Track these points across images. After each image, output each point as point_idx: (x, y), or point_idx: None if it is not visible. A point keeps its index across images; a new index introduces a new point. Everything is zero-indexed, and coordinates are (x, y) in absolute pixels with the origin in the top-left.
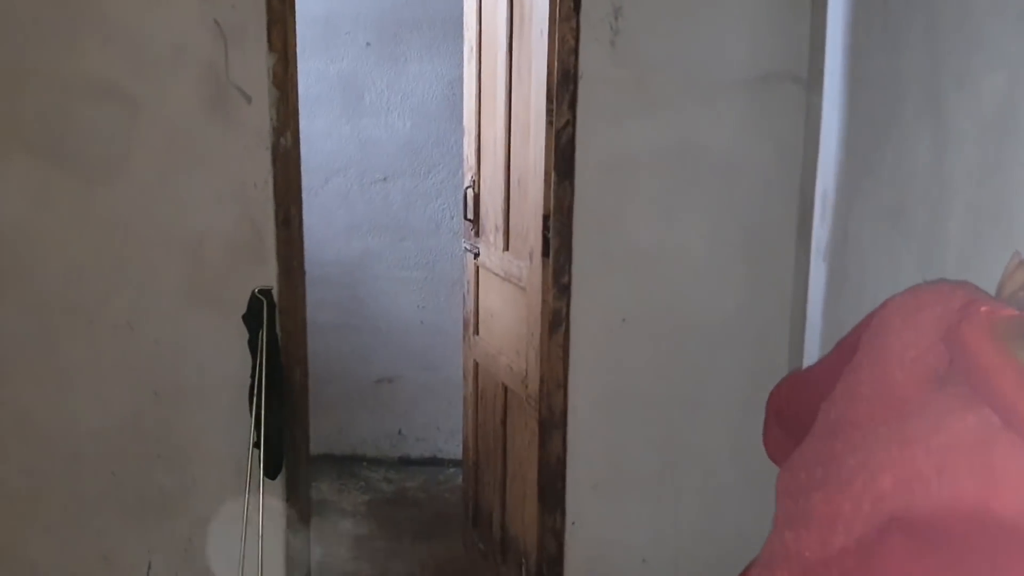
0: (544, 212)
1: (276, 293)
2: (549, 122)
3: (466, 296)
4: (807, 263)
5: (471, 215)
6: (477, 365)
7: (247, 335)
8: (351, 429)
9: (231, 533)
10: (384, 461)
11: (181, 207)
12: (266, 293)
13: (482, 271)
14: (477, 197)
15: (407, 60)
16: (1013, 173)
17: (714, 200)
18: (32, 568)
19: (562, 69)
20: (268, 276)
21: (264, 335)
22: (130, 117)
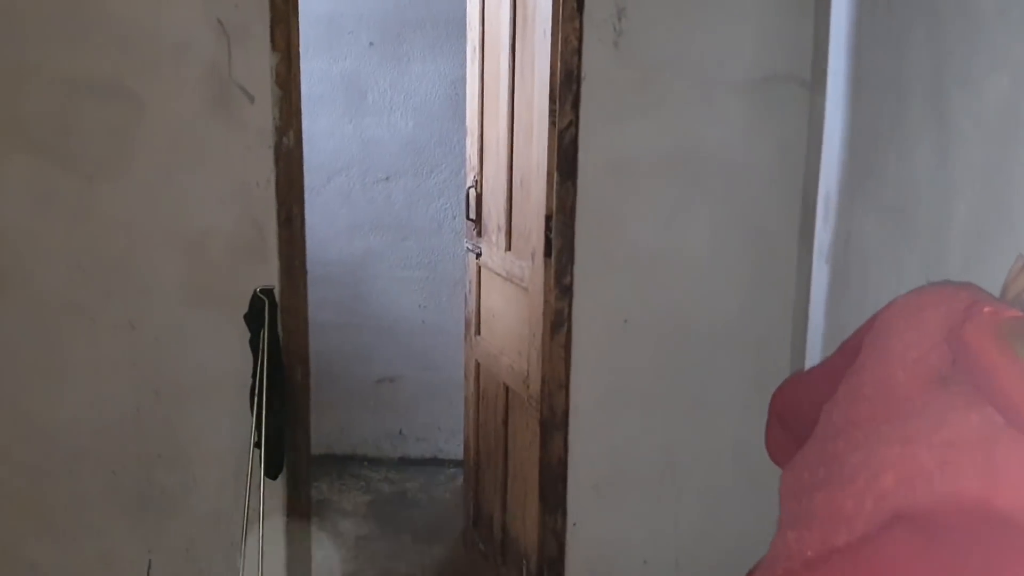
0: (546, 212)
1: (278, 292)
2: (552, 122)
3: (468, 296)
4: (809, 264)
5: (473, 215)
6: (479, 365)
7: (248, 334)
8: (352, 429)
9: (231, 533)
10: (385, 461)
11: (183, 206)
12: (268, 292)
13: (484, 271)
14: (479, 197)
15: (410, 60)
16: (1016, 174)
17: (717, 201)
18: (32, 568)
19: (565, 69)
20: (270, 275)
21: (265, 334)
22: (133, 116)
